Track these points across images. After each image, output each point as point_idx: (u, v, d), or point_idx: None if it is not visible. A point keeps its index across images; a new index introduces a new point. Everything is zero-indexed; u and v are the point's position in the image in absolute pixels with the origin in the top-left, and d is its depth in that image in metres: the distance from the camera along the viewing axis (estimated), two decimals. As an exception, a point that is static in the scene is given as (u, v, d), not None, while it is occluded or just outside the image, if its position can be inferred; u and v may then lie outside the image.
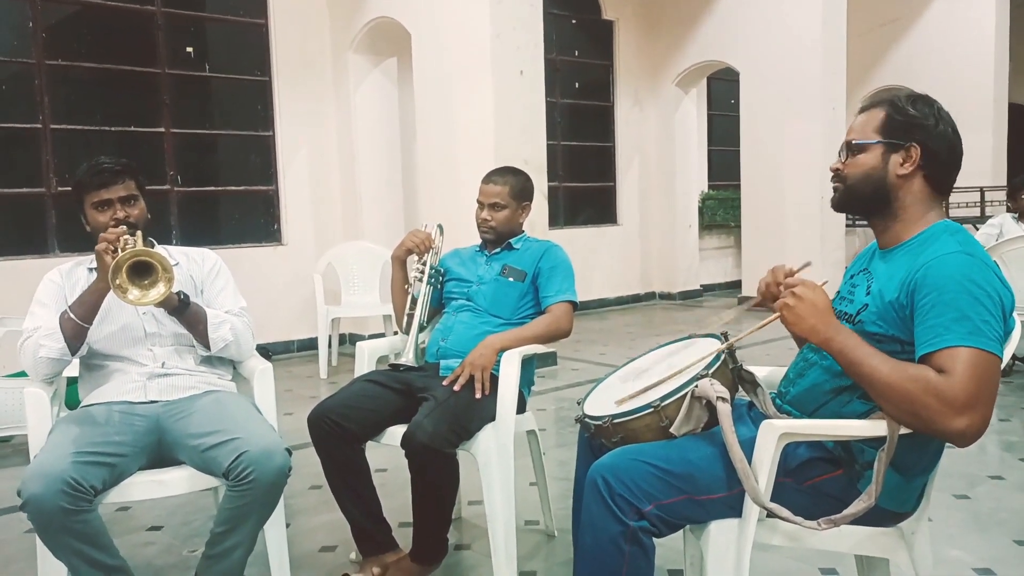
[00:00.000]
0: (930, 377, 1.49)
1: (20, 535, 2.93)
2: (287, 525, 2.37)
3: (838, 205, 1.80)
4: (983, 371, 1.48)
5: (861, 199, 1.74)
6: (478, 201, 2.82)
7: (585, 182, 9.04)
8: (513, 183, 2.80)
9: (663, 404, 1.71)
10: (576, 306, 2.73)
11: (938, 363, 1.50)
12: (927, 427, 1.52)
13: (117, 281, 2.02)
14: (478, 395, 2.44)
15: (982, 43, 9.49)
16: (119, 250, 2.10)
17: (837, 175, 1.77)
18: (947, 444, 1.61)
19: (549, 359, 5.75)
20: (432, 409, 2.34)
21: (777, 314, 1.70)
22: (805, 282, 1.69)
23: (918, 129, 1.66)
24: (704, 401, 1.69)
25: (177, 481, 2.15)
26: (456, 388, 2.44)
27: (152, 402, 2.26)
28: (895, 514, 1.71)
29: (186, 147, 6.35)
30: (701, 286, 9.58)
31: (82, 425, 2.12)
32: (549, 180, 6.31)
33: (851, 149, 1.73)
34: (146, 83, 6.12)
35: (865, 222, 1.89)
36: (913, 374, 1.51)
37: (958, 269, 1.54)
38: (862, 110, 1.76)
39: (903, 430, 1.56)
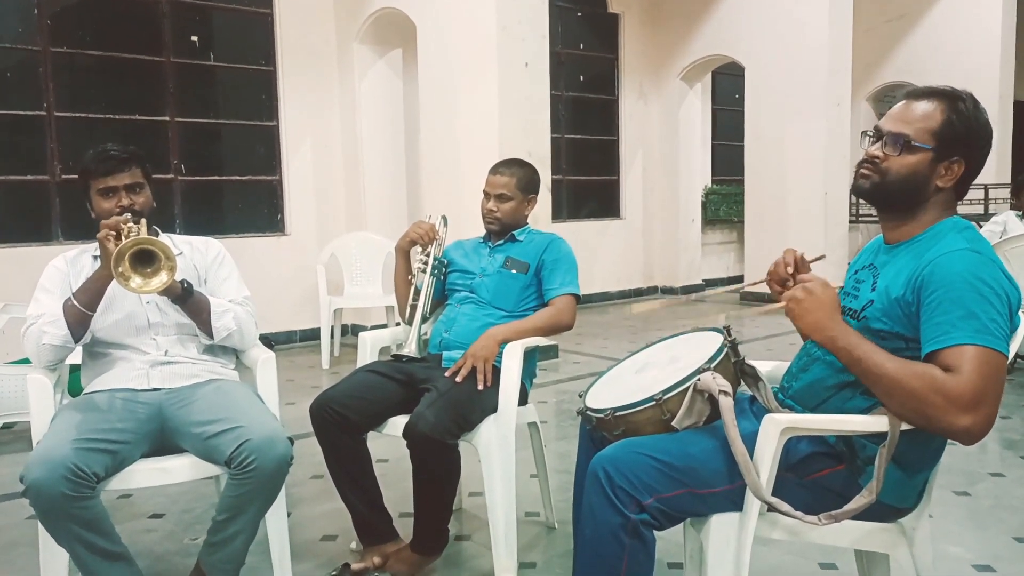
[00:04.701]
0: (936, 375, 1.49)
1: (22, 521, 2.94)
2: (288, 514, 2.38)
3: (867, 194, 1.70)
4: (990, 369, 1.48)
5: (892, 195, 1.68)
6: (484, 192, 2.82)
7: (589, 175, 9.02)
8: (520, 175, 2.80)
9: (665, 397, 1.71)
10: (579, 299, 2.73)
11: (945, 361, 1.50)
12: (933, 425, 1.51)
13: (120, 269, 2.02)
14: (480, 387, 2.44)
15: (988, 40, 9.45)
16: (122, 237, 2.11)
17: (874, 164, 1.67)
18: (949, 441, 1.61)
19: (551, 352, 5.75)
20: (434, 400, 2.34)
21: (782, 304, 1.69)
22: (817, 278, 1.69)
23: (968, 147, 1.62)
24: (706, 395, 1.69)
25: (179, 469, 2.15)
26: (458, 379, 2.44)
27: (155, 390, 2.27)
28: (896, 510, 1.72)
29: (190, 136, 6.34)
30: (703, 281, 9.57)
31: (85, 412, 2.12)
32: (553, 173, 6.30)
33: (900, 144, 1.63)
34: (151, 71, 6.10)
35: (868, 218, 1.87)
36: (919, 372, 1.51)
37: (965, 266, 1.53)
38: (913, 97, 1.67)
39: (904, 426, 1.56)
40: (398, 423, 2.40)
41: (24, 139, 5.69)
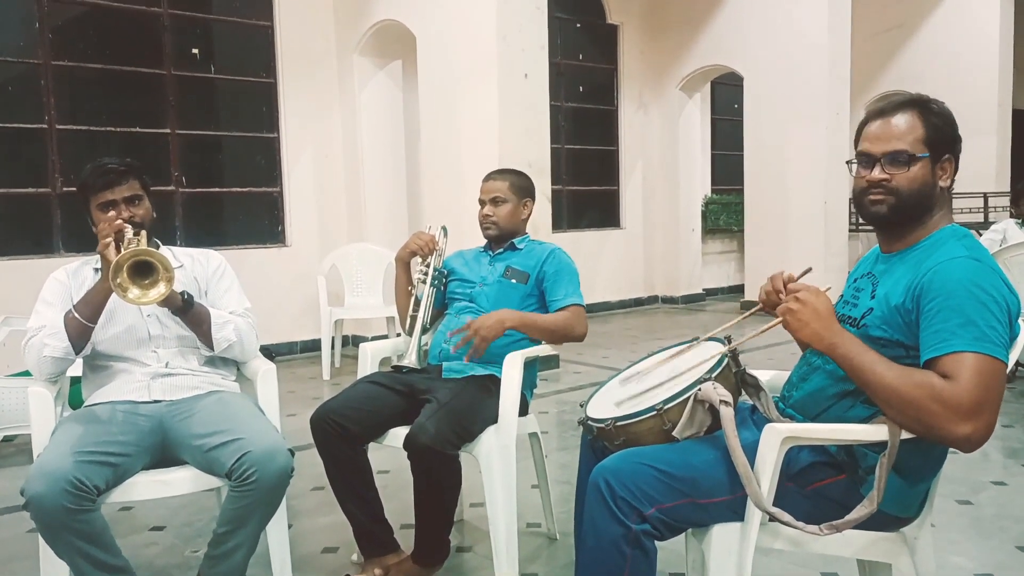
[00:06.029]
0: (935, 383, 1.49)
1: (23, 534, 2.93)
2: (289, 526, 2.37)
3: (886, 218, 1.69)
4: (989, 377, 1.48)
5: (909, 210, 1.68)
6: (480, 200, 2.84)
7: (589, 185, 9.04)
8: (513, 179, 2.83)
9: (666, 407, 1.71)
10: (584, 309, 2.73)
11: (943, 368, 1.50)
12: (932, 433, 1.51)
13: (118, 280, 2.03)
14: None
15: (986, 49, 9.49)
16: (121, 247, 2.11)
17: (884, 187, 1.67)
18: (950, 449, 1.61)
19: (551, 362, 5.76)
20: (435, 411, 2.34)
21: (779, 319, 1.70)
22: (808, 287, 1.69)
23: (952, 142, 1.67)
24: (707, 405, 1.69)
25: (180, 481, 2.15)
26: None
27: (156, 401, 2.27)
28: (898, 519, 1.71)
29: (191, 148, 6.36)
30: (704, 290, 9.58)
31: (86, 424, 2.12)
32: (553, 183, 6.31)
33: (902, 160, 1.64)
34: (152, 84, 6.13)
35: (868, 227, 1.89)
36: (918, 380, 1.51)
37: (965, 274, 1.54)
38: (886, 114, 1.68)
39: (905, 435, 1.56)
40: (399, 434, 2.40)
41: (25, 152, 5.71)
